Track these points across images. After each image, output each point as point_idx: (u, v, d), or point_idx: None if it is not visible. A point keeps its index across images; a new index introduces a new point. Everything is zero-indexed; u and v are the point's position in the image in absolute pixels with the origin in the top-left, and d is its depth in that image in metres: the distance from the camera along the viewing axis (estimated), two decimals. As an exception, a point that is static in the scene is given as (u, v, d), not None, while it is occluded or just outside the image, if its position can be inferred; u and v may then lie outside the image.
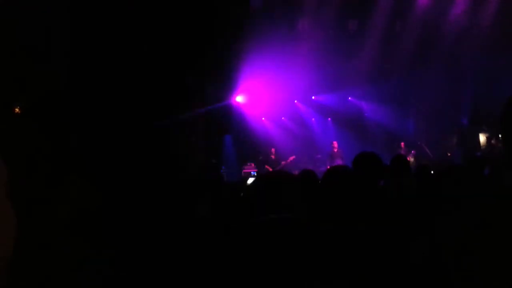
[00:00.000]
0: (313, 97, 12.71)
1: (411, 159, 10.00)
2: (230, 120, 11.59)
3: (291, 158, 10.95)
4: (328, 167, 9.85)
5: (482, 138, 11.43)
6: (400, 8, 10.25)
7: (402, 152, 10.06)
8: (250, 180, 4.81)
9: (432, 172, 3.75)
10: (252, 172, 10.56)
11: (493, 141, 10.57)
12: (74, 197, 2.09)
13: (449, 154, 10.98)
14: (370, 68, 10.96)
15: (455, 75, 10.66)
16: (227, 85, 10.53)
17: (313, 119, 13.00)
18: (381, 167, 2.44)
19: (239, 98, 11.83)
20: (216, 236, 1.91)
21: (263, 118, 12.37)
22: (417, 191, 2.95)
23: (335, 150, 10.39)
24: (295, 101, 12.73)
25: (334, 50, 10.62)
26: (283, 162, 10.70)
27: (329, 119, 12.96)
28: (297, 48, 10.41)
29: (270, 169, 9.82)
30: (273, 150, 10.78)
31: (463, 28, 10.09)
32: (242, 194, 2.64)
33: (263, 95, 11.70)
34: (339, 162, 10.01)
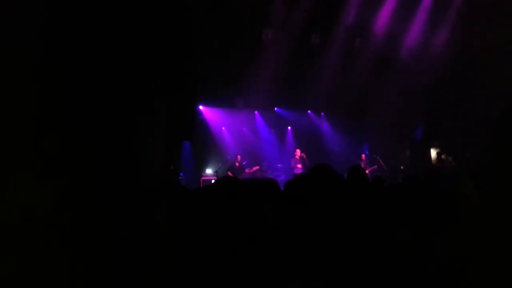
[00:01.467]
0: (275, 109, 12.85)
1: (369, 171, 10.31)
2: (191, 126, 11.49)
3: (255, 168, 10.97)
4: (297, 171, 9.98)
5: (433, 152, 11.99)
6: (360, 26, 10.69)
7: (363, 164, 10.34)
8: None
9: (386, 184, 3.87)
10: (212, 180, 10.47)
11: (443, 156, 11.11)
12: (21, 199, 1.99)
13: (402, 167, 11.41)
14: (330, 81, 11.27)
15: (409, 92, 11.17)
16: (191, 91, 10.46)
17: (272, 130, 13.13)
18: (335, 178, 2.50)
19: (201, 106, 11.77)
20: (171, 242, 1.87)
21: (223, 128, 12.34)
22: (373, 202, 3.03)
23: (297, 157, 10.54)
24: (255, 112, 12.81)
25: (296, 63, 10.85)
26: (247, 170, 10.69)
27: (289, 128, 13.12)
28: (261, 59, 10.54)
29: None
30: (239, 157, 10.70)
31: (417, 47, 10.66)
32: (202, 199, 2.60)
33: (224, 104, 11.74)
34: (300, 168, 10.18)
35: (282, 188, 2.34)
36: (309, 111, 13.04)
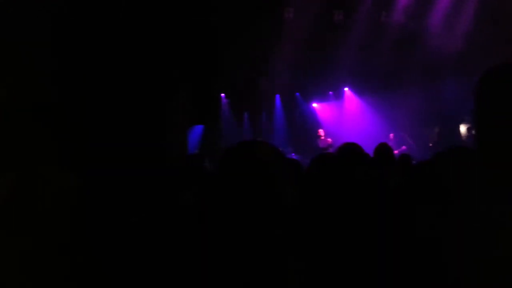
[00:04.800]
0: (296, 94, 12.74)
1: (398, 152, 10.11)
2: (212, 111, 11.51)
3: None
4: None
5: (463, 128, 11.62)
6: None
7: (391, 143, 10.14)
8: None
9: (414, 162, 3.78)
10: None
11: (473, 131, 10.74)
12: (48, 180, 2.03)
13: (430, 145, 11.14)
14: (354, 60, 11.02)
15: (437, 70, 10.81)
16: (213, 77, 10.46)
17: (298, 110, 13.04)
18: (362, 156, 2.46)
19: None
20: (200, 226, 1.89)
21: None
22: (400, 180, 2.97)
23: (322, 138, 10.44)
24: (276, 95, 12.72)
25: (320, 42, 10.64)
26: None
27: (314, 105, 12.96)
28: (282, 39, 10.38)
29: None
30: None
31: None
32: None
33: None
34: (327, 147, 10.08)
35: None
36: (330, 92, 12.84)
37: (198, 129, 11.02)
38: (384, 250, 1.44)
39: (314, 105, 13.04)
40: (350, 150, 2.53)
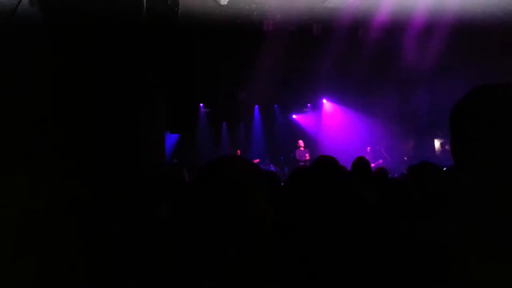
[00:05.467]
0: (275, 106, 12.81)
1: (375, 165, 10.26)
2: (189, 119, 11.37)
3: (255, 161, 10.95)
4: (302, 163, 9.92)
5: (437, 143, 11.92)
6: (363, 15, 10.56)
7: (368, 156, 10.29)
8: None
9: (389, 175, 3.83)
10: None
11: (446, 147, 11.04)
12: (20, 199, 1.96)
13: (405, 158, 11.36)
14: (332, 72, 11.19)
15: (412, 84, 11.08)
16: (190, 85, 10.38)
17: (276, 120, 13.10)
18: (337, 170, 2.47)
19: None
20: (175, 238, 1.85)
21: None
22: (376, 194, 3.00)
23: (301, 148, 10.49)
24: (255, 106, 12.77)
25: (298, 55, 10.76)
26: None
27: (293, 116, 13.06)
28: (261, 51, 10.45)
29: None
30: (238, 151, 10.72)
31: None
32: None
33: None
34: (308, 157, 10.12)
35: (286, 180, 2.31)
36: (308, 104, 12.98)
37: (171, 138, 10.88)
38: (362, 265, 1.44)
39: (294, 116, 13.15)
40: (325, 163, 2.55)
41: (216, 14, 8.55)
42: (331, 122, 12.92)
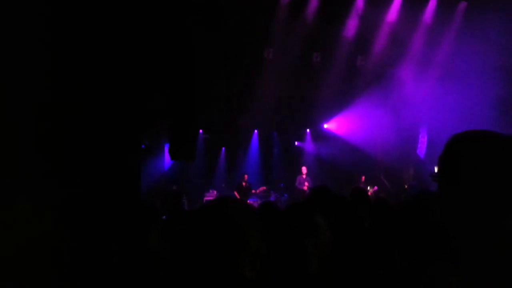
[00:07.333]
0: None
1: (371, 193, 10.19)
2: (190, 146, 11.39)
3: (262, 188, 10.88)
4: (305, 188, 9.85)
5: (437, 170, 11.86)
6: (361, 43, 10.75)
7: (362, 186, 10.24)
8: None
9: (390, 204, 3.80)
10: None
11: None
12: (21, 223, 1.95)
13: (406, 186, 11.30)
14: (332, 99, 11.29)
15: (411, 112, 11.13)
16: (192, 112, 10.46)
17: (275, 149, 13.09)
18: (333, 199, 2.49)
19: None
20: (167, 271, 1.82)
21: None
22: (374, 223, 2.98)
23: (303, 176, 10.43)
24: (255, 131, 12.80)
25: (298, 82, 10.89)
26: (253, 191, 10.56)
27: (296, 143, 13.05)
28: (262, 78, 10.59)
29: (238, 196, 9.62)
30: (245, 176, 10.53)
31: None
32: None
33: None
34: (307, 186, 10.08)
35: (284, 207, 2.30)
36: (307, 130, 13.01)
37: (168, 163, 10.81)
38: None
39: (296, 143, 13.16)
40: (321, 193, 2.57)
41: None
42: (332, 148, 12.91)
